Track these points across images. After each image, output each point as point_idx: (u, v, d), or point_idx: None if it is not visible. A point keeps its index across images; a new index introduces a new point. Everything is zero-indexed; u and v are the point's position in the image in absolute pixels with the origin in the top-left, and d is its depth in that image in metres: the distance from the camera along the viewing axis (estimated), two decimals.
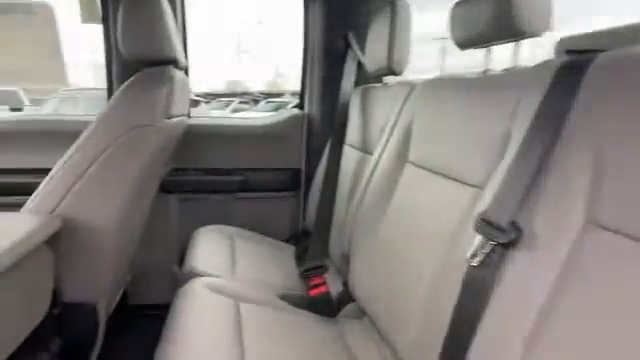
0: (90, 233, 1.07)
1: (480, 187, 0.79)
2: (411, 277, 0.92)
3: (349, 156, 1.53)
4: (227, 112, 10.12)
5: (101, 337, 1.19)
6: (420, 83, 1.17)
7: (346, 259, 1.27)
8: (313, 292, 1.25)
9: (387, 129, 1.25)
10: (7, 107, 5.95)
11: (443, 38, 11.47)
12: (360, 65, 1.63)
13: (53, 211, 1.03)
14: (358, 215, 1.24)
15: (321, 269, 1.31)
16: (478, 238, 0.67)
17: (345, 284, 1.29)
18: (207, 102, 9.70)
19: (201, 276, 1.20)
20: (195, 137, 1.77)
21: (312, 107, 1.87)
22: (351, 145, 1.56)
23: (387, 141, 1.22)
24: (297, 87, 1.94)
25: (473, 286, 0.67)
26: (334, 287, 1.30)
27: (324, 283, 1.28)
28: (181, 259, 1.60)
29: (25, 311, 0.95)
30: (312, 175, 1.81)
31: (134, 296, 1.76)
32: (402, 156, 1.13)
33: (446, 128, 0.96)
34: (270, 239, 1.75)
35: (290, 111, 1.92)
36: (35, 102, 7.97)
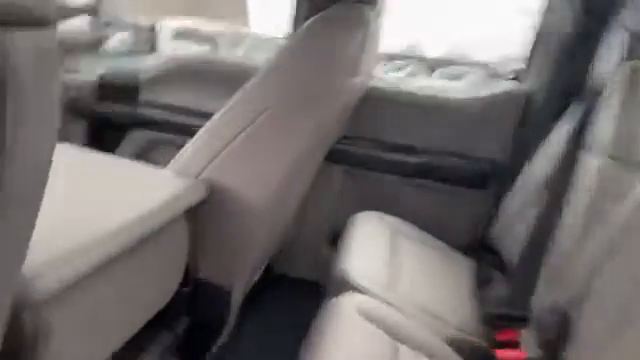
0: (240, 205, 0.88)
1: None
2: None
3: (590, 163, 1.04)
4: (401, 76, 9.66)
5: (233, 320, 1.03)
6: None
7: (562, 316, 0.85)
8: (502, 354, 0.87)
9: None
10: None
11: None
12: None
13: (199, 175, 0.86)
14: (603, 256, 0.80)
15: (521, 323, 0.91)
16: None
17: (549, 349, 0.87)
18: (384, 64, 9.40)
19: (354, 289, 0.94)
20: (374, 102, 1.45)
21: (537, 83, 1.38)
22: (596, 148, 1.06)
23: None
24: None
25: None
26: (532, 351, 0.89)
27: (519, 343, 0.89)
28: (334, 239, 1.38)
29: (156, 286, 0.81)
30: (515, 172, 1.36)
31: (275, 265, 1.61)
32: None
33: None
34: (441, 243, 1.38)
35: (504, 85, 1.46)
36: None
